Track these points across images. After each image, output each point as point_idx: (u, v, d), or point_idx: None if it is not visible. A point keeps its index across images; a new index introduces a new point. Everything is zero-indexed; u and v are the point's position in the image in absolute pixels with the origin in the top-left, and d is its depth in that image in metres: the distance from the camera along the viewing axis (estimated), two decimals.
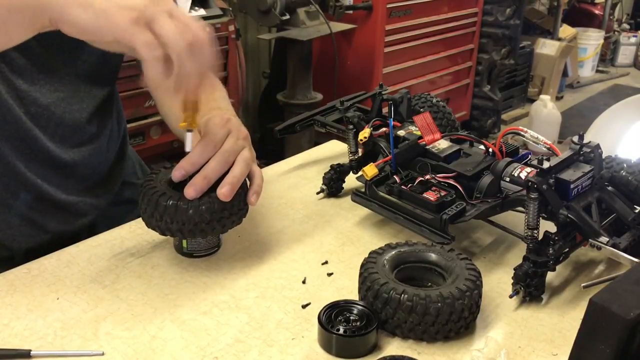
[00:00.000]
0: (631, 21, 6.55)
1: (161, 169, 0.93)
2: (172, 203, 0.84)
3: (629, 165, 0.92)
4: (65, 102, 1.02)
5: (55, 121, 1.01)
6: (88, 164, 1.08)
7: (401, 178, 0.96)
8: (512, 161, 0.91)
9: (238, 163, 0.87)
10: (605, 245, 0.82)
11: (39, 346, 0.75)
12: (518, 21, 4.01)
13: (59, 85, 1.01)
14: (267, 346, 0.76)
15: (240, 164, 0.87)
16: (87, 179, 1.10)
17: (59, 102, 1.01)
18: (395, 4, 3.22)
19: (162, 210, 0.84)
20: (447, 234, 0.88)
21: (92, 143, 1.09)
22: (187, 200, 0.84)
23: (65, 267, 0.90)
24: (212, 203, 0.84)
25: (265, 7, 2.74)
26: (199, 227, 0.85)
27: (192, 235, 0.86)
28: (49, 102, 0.99)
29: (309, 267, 0.92)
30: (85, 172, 1.09)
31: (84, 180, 1.09)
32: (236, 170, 0.86)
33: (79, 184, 1.08)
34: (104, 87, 1.10)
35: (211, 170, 0.85)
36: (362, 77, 3.23)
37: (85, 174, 1.09)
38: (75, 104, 1.04)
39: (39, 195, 1.02)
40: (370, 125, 1.04)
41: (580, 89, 5.50)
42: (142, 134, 2.47)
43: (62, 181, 1.05)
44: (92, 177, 1.11)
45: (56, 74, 1.00)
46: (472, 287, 0.75)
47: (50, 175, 1.03)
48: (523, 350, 0.76)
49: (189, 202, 0.84)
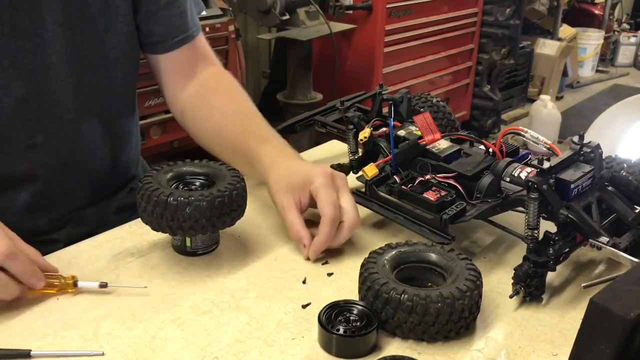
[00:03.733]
0: (631, 21, 6.55)
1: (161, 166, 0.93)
2: (171, 200, 0.84)
3: (629, 165, 0.92)
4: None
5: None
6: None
7: (401, 178, 0.96)
8: (512, 161, 0.91)
9: (344, 230, 0.92)
10: (605, 245, 0.82)
11: (39, 346, 0.74)
12: (518, 21, 4.00)
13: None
14: (267, 346, 0.76)
15: (346, 231, 0.92)
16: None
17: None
18: (395, 4, 3.22)
19: (162, 208, 0.84)
20: (447, 234, 0.88)
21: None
22: (186, 197, 0.84)
23: (65, 266, 0.90)
24: (212, 199, 0.85)
25: (265, 7, 2.74)
26: (199, 224, 0.85)
27: (193, 233, 0.86)
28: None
29: (309, 267, 0.92)
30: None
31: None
32: (341, 237, 0.93)
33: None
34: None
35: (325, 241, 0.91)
36: (362, 77, 3.23)
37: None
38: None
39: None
40: (371, 125, 1.04)
41: (580, 89, 5.50)
42: (142, 134, 2.47)
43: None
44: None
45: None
46: (472, 287, 0.75)
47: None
48: (523, 350, 0.76)
49: (188, 199, 0.84)
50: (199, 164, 0.95)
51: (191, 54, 1.14)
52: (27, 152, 1.00)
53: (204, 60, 1.16)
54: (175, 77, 1.14)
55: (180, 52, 1.12)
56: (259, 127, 1.07)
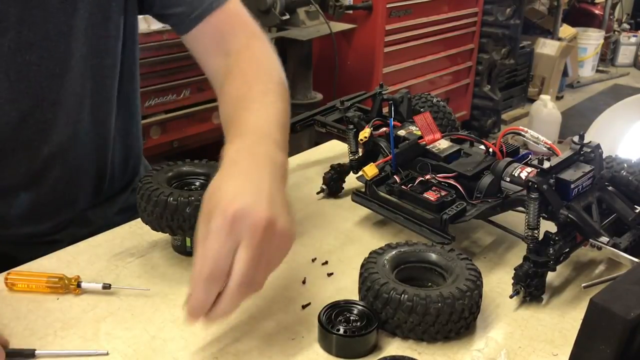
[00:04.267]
0: (631, 21, 6.55)
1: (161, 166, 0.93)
2: (171, 200, 0.84)
3: (630, 165, 0.92)
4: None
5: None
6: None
7: (401, 178, 0.96)
8: (512, 161, 0.91)
9: (222, 298, 0.67)
10: (605, 245, 0.82)
11: (39, 346, 0.74)
12: (518, 21, 4.00)
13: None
14: (267, 346, 0.76)
15: (225, 301, 0.67)
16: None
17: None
18: (395, 4, 3.22)
19: (162, 208, 0.84)
20: (447, 234, 0.88)
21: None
22: (186, 197, 0.84)
23: (65, 267, 0.90)
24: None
25: (265, 7, 2.74)
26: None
27: (193, 233, 0.86)
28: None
29: (309, 267, 0.91)
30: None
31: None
32: (218, 309, 0.68)
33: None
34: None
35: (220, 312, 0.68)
36: (362, 77, 3.23)
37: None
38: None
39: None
40: (371, 125, 1.04)
41: (580, 88, 5.50)
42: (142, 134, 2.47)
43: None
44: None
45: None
46: (472, 287, 0.75)
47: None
48: (523, 350, 0.76)
49: (188, 199, 0.84)
50: (199, 164, 0.95)
51: (213, 29, 1.01)
52: (31, 161, 1.00)
53: (232, 34, 1.01)
54: (203, 56, 1.04)
55: (201, 29, 1.01)
56: (245, 118, 0.85)
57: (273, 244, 0.68)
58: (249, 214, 0.66)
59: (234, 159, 0.74)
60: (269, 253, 0.68)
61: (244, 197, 0.67)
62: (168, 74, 2.44)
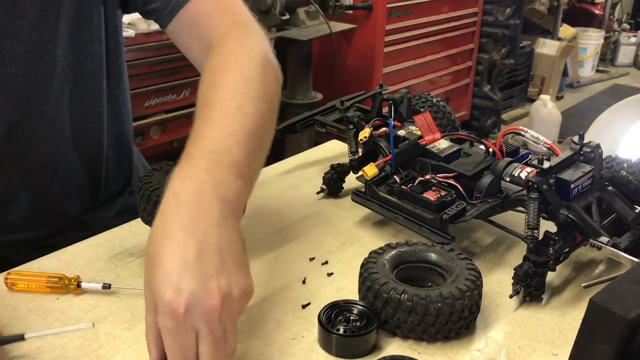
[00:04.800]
0: (631, 21, 6.55)
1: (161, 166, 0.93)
2: None
3: (629, 165, 0.92)
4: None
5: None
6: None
7: (401, 178, 0.96)
8: (512, 161, 0.91)
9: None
10: (605, 245, 0.82)
11: (39, 346, 0.75)
12: (518, 21, 4.00)
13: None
14: (267, 346, 0.76)
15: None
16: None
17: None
18: (395, 4, 3.22)
19: None
20: (447, 234, 0.88)
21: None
22: None
23: (65, 267, 0.90)
24: None
25: (265, 7, 2.74)
26: None
27: None
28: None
29: (309, 267, 0.92)
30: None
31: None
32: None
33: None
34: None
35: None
36: (362, 77, 3.23)
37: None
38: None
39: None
40: (371, 125, 1.04)
41: (580, 88, 5.50)
42: (142, 134, 2.47)
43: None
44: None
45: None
46: (472, 287, 0.75)
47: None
48: (523, 350, 0.76)
49: None
50: None
51: (190, 22, 0.95)
52: (22, 172, 0.98)
53: (209, 25, 0.93)
54: (186, 51, 0.99)
55: (178, 23, 0.96)
56: (202, 133, 0.74)
57: (233, 313, 0.64)
58: (200, 303, 0.60)
59: (177, 196, 0.66)
60: (231, 322, 0.63)
61: (190, 282, 0.61)
62: (168, 74, 2.44)
